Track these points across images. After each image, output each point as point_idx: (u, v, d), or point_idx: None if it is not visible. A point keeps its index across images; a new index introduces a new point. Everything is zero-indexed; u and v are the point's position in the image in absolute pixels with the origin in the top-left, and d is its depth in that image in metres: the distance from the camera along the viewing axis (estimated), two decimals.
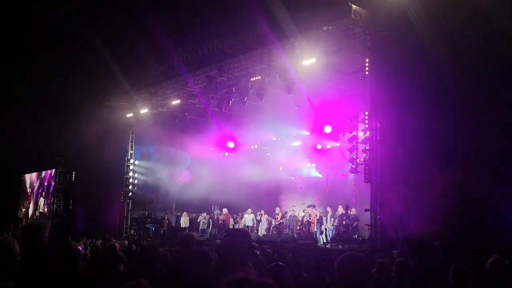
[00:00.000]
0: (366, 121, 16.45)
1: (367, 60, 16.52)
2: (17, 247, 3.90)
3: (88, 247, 11.60)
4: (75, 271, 3.67)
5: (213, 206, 26.51)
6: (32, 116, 28.96)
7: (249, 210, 23.37)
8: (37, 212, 33.37)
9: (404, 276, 5.70)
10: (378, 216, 15.81)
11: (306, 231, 21.21)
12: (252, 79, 20.44)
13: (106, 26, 25.03)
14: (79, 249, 3.77)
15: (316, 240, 19.81)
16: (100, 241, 15.49)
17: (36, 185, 34.50)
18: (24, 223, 30.19)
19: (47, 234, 4.53)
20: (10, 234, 14.12)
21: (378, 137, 16.18)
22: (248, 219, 23.07)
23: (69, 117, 28.89)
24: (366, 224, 16.81)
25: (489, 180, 13.47)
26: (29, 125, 29.51)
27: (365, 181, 16.46)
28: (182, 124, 24.38)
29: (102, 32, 25.38)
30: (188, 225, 24.50)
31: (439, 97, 14.50)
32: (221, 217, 24.11)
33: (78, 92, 27.66)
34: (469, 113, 14.03)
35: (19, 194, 35.87)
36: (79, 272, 3.73)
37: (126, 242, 15.70)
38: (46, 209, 32.49)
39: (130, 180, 26.64)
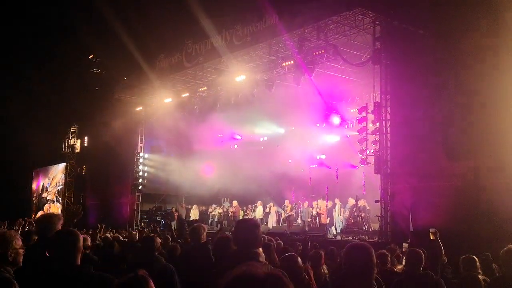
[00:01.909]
0: (376, 112, 16.37)
1: (376, 51, 16.44)
2: (19, 239, 3.93)
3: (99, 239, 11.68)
4: (76, 258, 3.69)
5: (222, 199, 26.57)
6: (41, 112, 29.12)
7: (259, 202, 23.41)
8: (48, 203, 33.63)
9: (416, 265, 5.70)
10: (388, 207, 15.79)
11: (315, 223, 21.23)
12: (260, 72, 20.41)
13: (116, 17, 25.02)
14: (80, 236, 3.79)
15: (326, 232, 19.81)
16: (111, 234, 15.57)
17: (47, 179, 34.74)
18: (36, 216, 30.43)
19: (60, 226, 4.57)
20: (19, 228, 14.18)
21: (388, 128, 16.12)
22: (258, 211, 23.12)
23: (78, 112, 29.08)
24: (376, 216, 16.78)
25: (498, 170, 13.41)
26: (38, 120, 29.71)
27: (375, 172, 16.42)
28: (192, 117, 24.41)
29: (111, 24, 25.39)
30: (198, 217, 24.59)
31: (449, 87, 14.42)
32: (231, 210, 24.17)
33: (86, 86, 27.84)
34: (480, 103, 13.94)
35: (31, 188, 36.13)
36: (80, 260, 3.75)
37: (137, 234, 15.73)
38: (58, 201, 32.76)
39: (140, 173, 26.76)
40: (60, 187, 32.77)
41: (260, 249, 4.38)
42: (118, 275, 3.09)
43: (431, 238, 7.36)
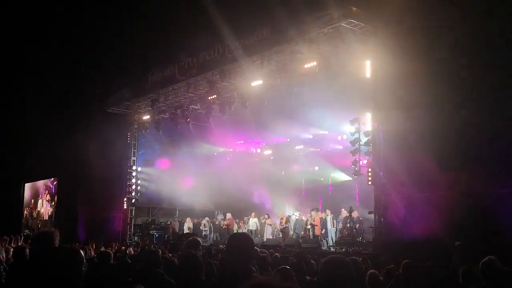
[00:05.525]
0: (369, 123, 16.45)
1: (368, 62, 16.54)
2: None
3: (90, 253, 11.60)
4: (79, 276, 3.69)
5: (216, 211, 26.48)
6: (32, 123, 28.88)
7: (253, 214, 23.35)
8: (35, 214, 33.42)
9: (412, 278, 5.71)
10: (382, 218, 15.80)
11: (309, 234, 21.19)
12: (253, 84, 20.43)
13: (107, 31, 25.06)
14: (80, 252, 3.79)
15: (320, 244, 19.78)
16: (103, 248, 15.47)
17: (39, 192, 34.48)
18: (25, 230, 30.19)
19: (57, 242, 4.55)
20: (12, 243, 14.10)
21: (381, 139, 16.19)
22: (252, 223, 23.05)
23: (70, 125, 28.93)
24: (370, 227, 16.80)
25: (490, 180, 13.48)
26: (28, 134, 29.52)
27: (368, 184, 16.46)
28: (184, 130, 24.41)
29: (103, 38, 25.44)
30: (191, 230, 24.49)
31: (441, 98, 14.51)
32: (225, 222, 24.09)
33: (78, 99, 27.76)
34: (471, 114, 14.04)
35: (21, 203, 35.75)
36: (81, 277, 3.75)
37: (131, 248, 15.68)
38: (47, 213, 32.53)
39: (133, 187, 26.61)
40: (51, 200, 32.52)
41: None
42: None
43: None
